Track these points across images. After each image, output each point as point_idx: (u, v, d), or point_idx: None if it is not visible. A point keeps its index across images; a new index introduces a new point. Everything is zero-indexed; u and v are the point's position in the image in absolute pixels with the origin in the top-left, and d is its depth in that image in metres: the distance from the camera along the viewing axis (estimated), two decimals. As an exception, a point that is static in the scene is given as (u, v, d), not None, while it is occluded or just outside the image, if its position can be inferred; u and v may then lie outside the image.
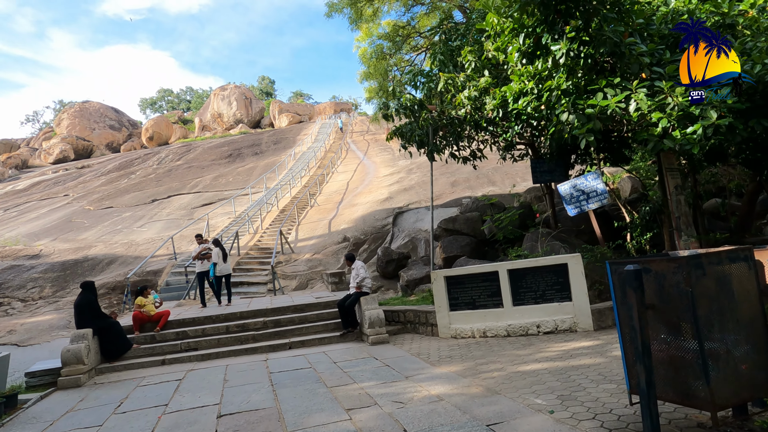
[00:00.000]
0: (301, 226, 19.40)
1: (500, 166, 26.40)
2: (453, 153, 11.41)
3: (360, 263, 9.32)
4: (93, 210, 26.54)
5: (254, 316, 9.77)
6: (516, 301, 7.99)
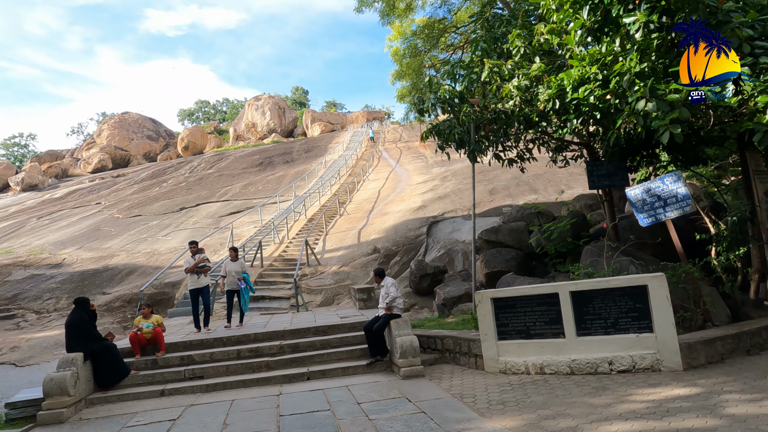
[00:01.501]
0: (329, 236, 18.27)
1: (542, 172, 24.72)
2: (497, 154, 10.01)
3: (390, 280, 8.02)
4: (122, 218, 26.21)
5: (270, 339, 8.58)
6: (581, 331, 6.51)
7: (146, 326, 8.17)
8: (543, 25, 8.42)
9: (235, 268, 9.86)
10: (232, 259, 10.02)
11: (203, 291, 9.61)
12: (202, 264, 9.57)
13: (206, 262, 9.71)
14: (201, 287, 9.58)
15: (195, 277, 9.53)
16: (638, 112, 6.50)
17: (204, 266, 9.59)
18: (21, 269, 17.34)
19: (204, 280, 9.63)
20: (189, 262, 9.50)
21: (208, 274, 9.73)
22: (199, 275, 9.55)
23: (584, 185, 20.81)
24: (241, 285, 9.73)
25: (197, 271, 9.50)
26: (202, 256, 9.70)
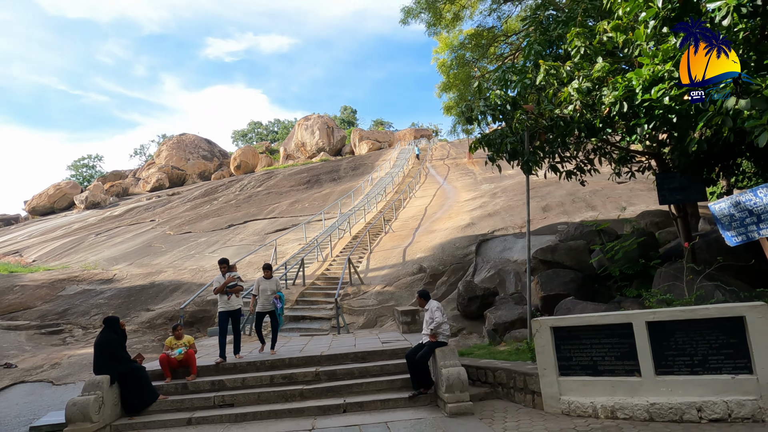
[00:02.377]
0: (373, 254, 17.67)
1: (600, 188, 23.26)
2: (554, 165, 9.13)
3: (436, 304, 7.27)
4: (173, 235, 26.75)
5: (305, 365, 7.99)
6: (661, 369, 5.51)
7: (178, 351, 7.78)
8: (606, 23, 7.59)
9: (270, 287, 9.05)
10: (266, 276, 9.16)
11: (234, 314, 8.73)
12: (233, 283, 8.69)
13: (237, 281, 8.83)
14: (232, 310, 8.69)
15: (225, 297, 8.66)
16: (726, 112, 5.56)
17: (235, 286, 8.72)
18: (74, 284, 17.75)
19: (236, 302, 8.76)
20: (219, 281, 8.71)
21: (240, 295, 8.91)
22: (229, 296, 8.67)
23: (647, 201, 19.30)
24: (277, 305, 8.99)
25: (227, 291, 8.63)
26: (233, 275, 8.83)
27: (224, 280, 8.66)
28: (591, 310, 7.88)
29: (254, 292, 9.08)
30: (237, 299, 8.80)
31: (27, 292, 16.94)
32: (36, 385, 9.15)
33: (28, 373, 9.85)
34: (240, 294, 8.89)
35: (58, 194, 51.54)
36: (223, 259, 9.10)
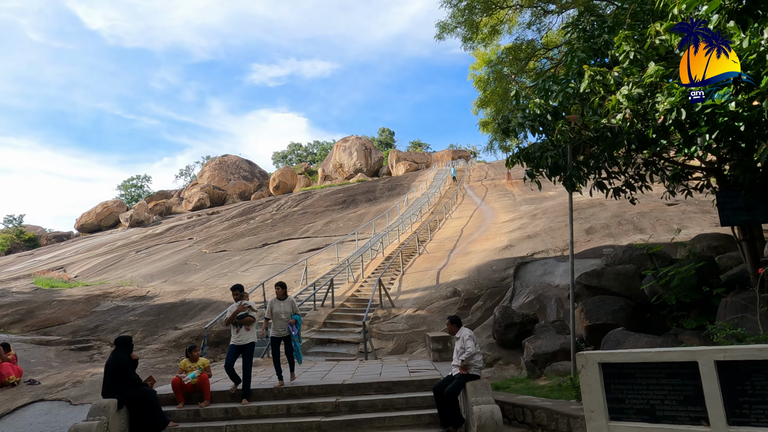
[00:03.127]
0: (406, 276, 17.03)
1: (648, 210, 21.91)
2: (600, 182, 8.34)
3: (468, 332, 6.59)
4: (208, 253, 26.93)
5: (325, 394, 7.41)
6: (735, 418, 4.63)
7: (191, 376, 7.36)
8: (659, 24, 6.90)
9: (285, 309, 7.99)
10: (279, 297, 8.07)
11: (245, 350, 7.58)
12: (242, 313, 7.57)
13: (248, 311, 7.67)
14: (242, 344, 7.57)
15: (235, 330, 7.65)
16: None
17: (245, 317, 7.57)
18: (108, 300, 17.88)
19: (246, 336, 7.61)
20: (232, 310, 7.76)
21: (252, 327, 7.70)
22: (238, 328, 7.59)
23: (702, 225, 17.94)
24: (293, 331, 7.91)
25: (236, 322, 7.60)
26: (244, 303, 7.72)
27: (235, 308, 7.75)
28: (645, 344, 7.00)
29: (267, 316, 8.17)
30: (248, 333, 7.65)
31: (63, 308, 17.16)
32: (54, 404, 8.92)
33: (49, 390, 9.67)
34: (252, 326, 7.73)
35: (105, 212, 53.50)
36: (237, 285, 8.23)
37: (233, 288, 8.11)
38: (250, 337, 7.66)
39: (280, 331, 8.03)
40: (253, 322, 7.76)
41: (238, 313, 7.64)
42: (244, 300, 7.95)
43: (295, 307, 8.24)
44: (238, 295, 7.93)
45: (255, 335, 7.79)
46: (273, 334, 8.09)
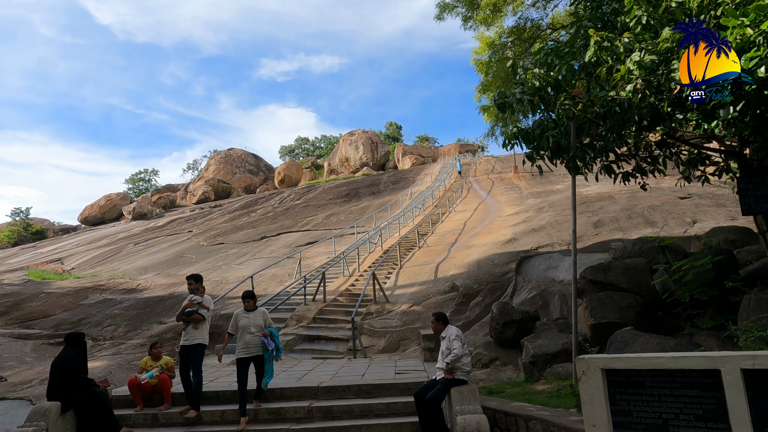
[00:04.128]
0: (403, 270, 16.27)
1: (660, 203, 20.96)
2: (607, 165, 7.52)
3: (455, 331, 5.85)
4: (206, 246, 26.36)
5: (299, 398, 6.70)
6: (760, 429, 3.87)
7: (148, 375, 6.69)
8: (675, -16, 6.07)
9: (255, 322, 6.64)
10: (248, 308, 6.74)
11: (192, 352, 6.48)
12: (190, 309, 6.50)
13: (198, 307, 6.59)
14: (189, 345, 6.49)
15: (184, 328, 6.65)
16: None
17: (192, 313, 6.50)
18: (97, 293, 17.34)
19: (194, 336, 6.51)
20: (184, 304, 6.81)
21: (202, 327, 6.56)
22: (186, 326, 6.55)
23: (717, 218, 16.98)
24: (269, 345, 6.61)
25: (182, 319, 6.57)
26: (193, 298, 6.62)
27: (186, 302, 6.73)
28: (656, 346, 6.21)
29: (230, 330, 6.76)
30: (196, 332, 6.51)
31: (50, 300, 16.63)
32: (14, 403, 8.31)
33: (14, 388, 9.08)
34: (202, 325, 6.58)
35: (108, 205, 53.25)
36: (193, 275, 7.01)
37: (189, 277, 6.95)
38: (197, 337, 6.55)
39: (250, 349, 6.56)
40: (201, 321, 6.61)
41: (187, 309, 6.59)
42: (196, 296, 6.76)
43: (268, 319, 6.92)
44: (193, 287, 6.80)
45: (205, 336, 6.63)
46: (240, 353, 6.52)
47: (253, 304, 6.85)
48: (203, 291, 6.89)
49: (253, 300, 6.84)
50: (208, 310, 6.75)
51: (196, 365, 6.45)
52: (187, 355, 6.50)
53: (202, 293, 6.84)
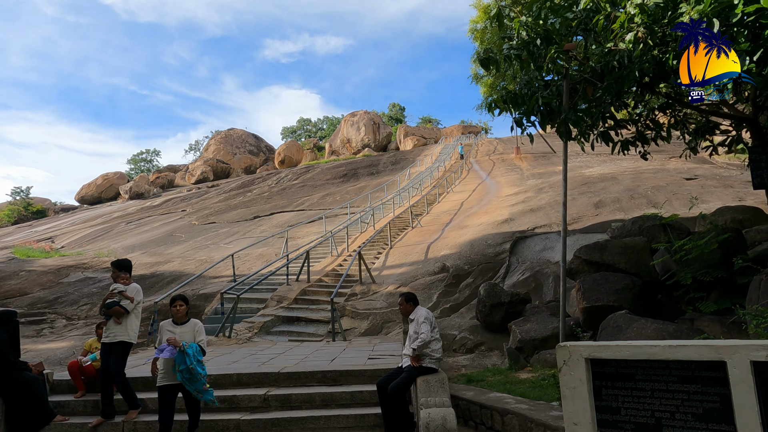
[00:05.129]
0: (394, 250, 15.63)
1: (664, 184, 20.17)
2: (604, 132, 6.76)
3: (425, 313, 5.19)
4: (197, 225, 25.80)
5: (257, 384, 6.09)
6: (777, 444, 3.19)
7: (91, 357, 6.09)
8: None
9: (185, 338, 5.01)
10: (177, 318, 5.16)
11: (113, 351, 5.46)
12: (111, 301, 5.51)
13: (119, 297, 5.55)
14: (109, 343, 5.48)
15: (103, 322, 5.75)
16: None
17: (113, 305, 5.48)
18: (79, 271, 16.82)
19: (115, 332, 5.48)
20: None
21: (126, 322, 5.53)
22: (107, 320, 5.59)
23: (724, 199, 16.16)
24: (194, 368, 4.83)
25: (102, 312, 5.64)
26: (114, 288, 5.62)
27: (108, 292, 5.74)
28: (652, 332, 5.54)
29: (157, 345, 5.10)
30: (118, 328, 5.49)
31: (30, 278, 16.12)
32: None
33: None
34: (125, 320, 5.53)
35: (105, 184, 52.74)
36: (118, 261, 5.95)
37: (113, 264, 5.86)
38: (120, 334, 5.48)
39: (170, 376, 4.92)
40: (124, 315, 5.53)
41: (109, 299, 5.56)
42: (121, 284, 5.67)
43: (200, 336, 5.17)
44: (115, 275, 5.75)
45: (129, 332, 5.55)
46: (162, 380, 4.96)
47: (185, 311, 5.19)
48: (128, 279, 5.80)
49: (185, 305, 5.20)
50: (132, 302, 5.65)
51: (118, 367, 5.44)
52: (107, 354, 5.48)
53: (127, 282, 5.76)
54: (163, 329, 5.14)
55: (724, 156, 29.61)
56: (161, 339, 5.04)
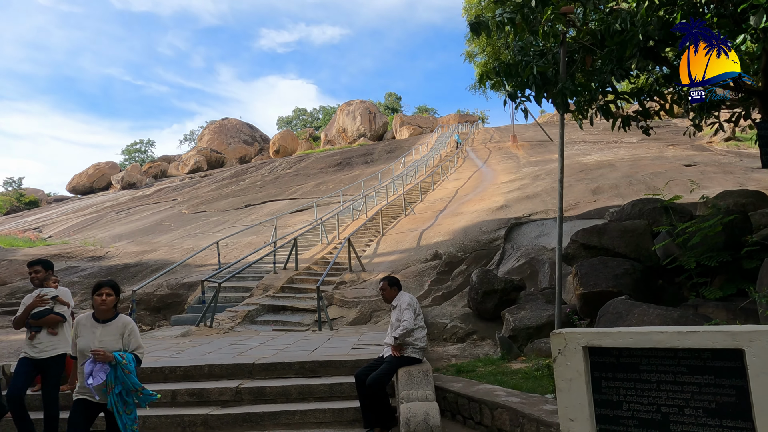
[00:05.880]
0: (385, 238, 15.19)
1: (663, 170, 19.76)
2: (604, 106, 6.30)
3: (408, 298, 4.77)
4: (187, 214, 25.30)
5: (230, 376, 5.66)
6: (803, 444, 2.77)
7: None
8: None
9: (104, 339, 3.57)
10: (100, 314, 3.64)
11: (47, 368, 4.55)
12: (40, 309, 4.55)
13: (51, 304, 4.64)
14: (42, 359, 4.52)
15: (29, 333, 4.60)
16: None
17: (47, 313, 4.58)
18: (63, 261, 16.33)
19: (50, 344, 4.55)
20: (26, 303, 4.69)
21: (62, 331, 4.65)
22: (33, 332, 4.55)
23: (724, 185, 15.74)
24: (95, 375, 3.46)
25: (28, 323, 4.56)
26: (43, 292, 4.64)
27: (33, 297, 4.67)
28: (656, 318, 5.13)
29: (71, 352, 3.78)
30: (53, 339, 4.57)
31: (12, 267, 15.63)
32: None
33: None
34: (61, 329, 4.65)
35: (97, 174, 52.05)
36: (39, 260, 4.89)
37: (39, 263, 4.81)
38: (59, 346, 4.57)
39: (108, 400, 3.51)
40: (61, 323, 4.68)
41: (35, 307, 4.56)
42: (49, 288, 4.78)
43: (133, 338, 3.70)
44: (41, 275, 4.76)
45: (66, 343, 4.55)
46: (79, 393, 3.59)
47: (113, 303, 3.68)
48: (55, 281, 5.07)
49: (114, 295, 3.68)
50: (69, 307, 4.88)
51: (54, 387, 4.52)
52: (33, 372, 4.53)
53: (55, 285, 5.00)
54: (80, 327, 3.63)
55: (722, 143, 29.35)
56: (74, 341, 3.65)
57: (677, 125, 38.03)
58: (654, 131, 7.01)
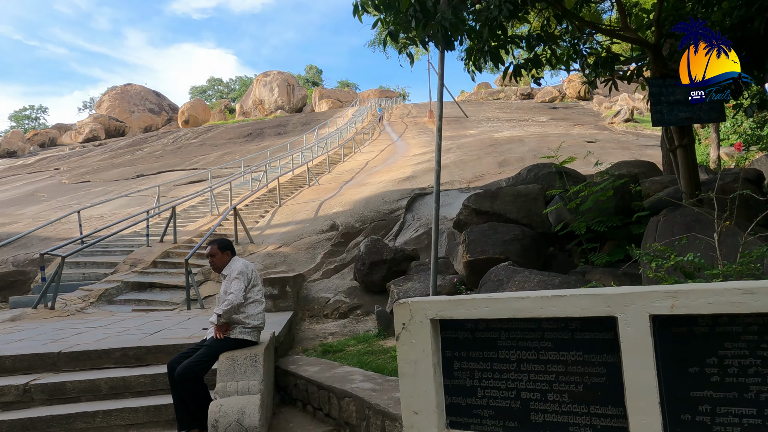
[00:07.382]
0: (282, 209, 14.06)
1: (567, 146, 20.13)
2: (494, 51, 5.60)
3: (241, 265, 3.81)
4: (67, 184, 22.48)
5: (26, 370, 4.43)
6: (680, 428, 2.16)
7: None
8: None
9: None
10: None
11: None
12: None
13: None
14: None
15: None
16: None
17: None
18: None
19: None
20: None
21: None
22: None
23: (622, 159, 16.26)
24: None
25: None
26: None
27: None
28: (536, 285, 4.57)
29: None
30: None
31: None
32: None
33: None
34: None
35: (-31, 141, 45.63)
36: None
37: None
38: None
39: None
40: None
41: None
42: None
43: None
44: None
45: None
46: None
47: None
48: None
49: None
50: None
51: None
52: None
53: None
54: None
55: (622, 124, 31.17)
56: None
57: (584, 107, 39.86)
58: (552, 68, 6.52)
